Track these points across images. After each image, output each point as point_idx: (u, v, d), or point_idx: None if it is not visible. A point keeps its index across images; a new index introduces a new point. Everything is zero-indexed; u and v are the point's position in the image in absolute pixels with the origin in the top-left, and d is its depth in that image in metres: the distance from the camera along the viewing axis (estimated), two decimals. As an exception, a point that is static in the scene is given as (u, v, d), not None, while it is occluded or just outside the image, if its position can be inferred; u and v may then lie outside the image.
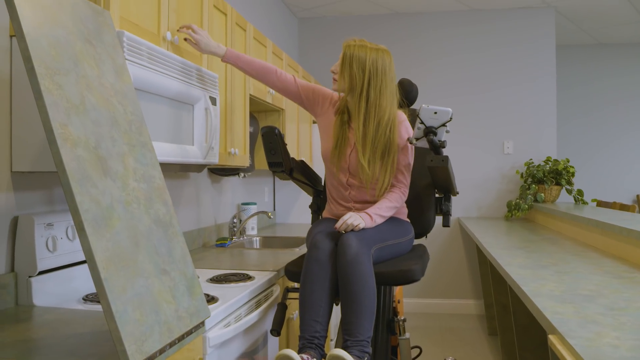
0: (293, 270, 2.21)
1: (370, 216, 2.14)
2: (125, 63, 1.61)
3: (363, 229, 2.10)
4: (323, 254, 2.03)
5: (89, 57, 1.44)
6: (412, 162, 2.31)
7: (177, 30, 2.17)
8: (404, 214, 2.39)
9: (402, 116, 2.28)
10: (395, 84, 2.28)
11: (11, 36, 1.73)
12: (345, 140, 2.28)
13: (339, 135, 2.28)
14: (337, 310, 2.13)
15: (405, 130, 2.27)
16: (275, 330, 2.12)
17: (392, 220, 2.28)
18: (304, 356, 1.84)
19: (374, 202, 2.27)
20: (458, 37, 5.40)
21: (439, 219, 2.62)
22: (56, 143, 1.19)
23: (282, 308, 2.18)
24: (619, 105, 6.57)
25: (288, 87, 2.43)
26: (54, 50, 1.30)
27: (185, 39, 2.22)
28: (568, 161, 5.00)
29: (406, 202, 2.40)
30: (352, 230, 2.08)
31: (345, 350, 1.89)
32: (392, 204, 2.23)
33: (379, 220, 2.17)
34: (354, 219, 2.09)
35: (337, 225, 2.09)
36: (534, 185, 4.96)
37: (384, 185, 2.25)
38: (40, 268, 1.73)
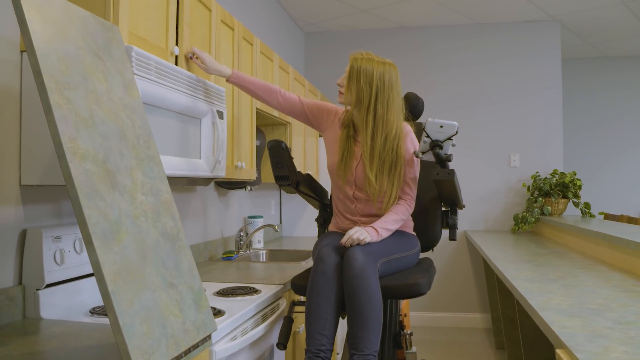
0: (299, 284, 2.21)
1: (376, 230, 2.13)
2: (133, 78, 1.63)
3: (369, 243, 2.10)
4: (329, 267, 2.03)
5: (97, 72, 1.46)
6: (417, 175, 2.31)
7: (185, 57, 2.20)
8: (410, 227, 2.40)
9: (408, 128, 2.29)
10: (401, 97, 2.28)
11: (22, 51, 1.76)
12: (352, 154, 2.28)
13: (345, 148, 2.28)
14: (343, 324, 2.12)
15: (411, 142, 2.28)
16: (282, 344, 2.12)
17: (398, 233, 2.28)
18: (310, 370, 1.84)
19: (380, 216, 2.26)
20: (464, 50, 5.41)
21: (445, 233, 2.61)
22: (65, 157, 1.21)
23: (288, 321, 2.18)
24: (625, 118, 6.55)
25: (294, 107, 2.44)
26: (63, 64, 1.32)
27: (190, 57, 2.23)
28: (575, 174, 4.98)
29: (412, 215, 2.40)
30: (357, 244, 2.08)
31: None
32: (399, 217, 2.23)
33: (385, 234, 2.17)
34: (360, 234, 2.08)
35: (343, 240, 2.08)
36: (540, 198, 4.95)
37: (391, 199, 2.24)
38: (47, 281, 1.74)
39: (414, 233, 2.43)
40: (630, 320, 1.72)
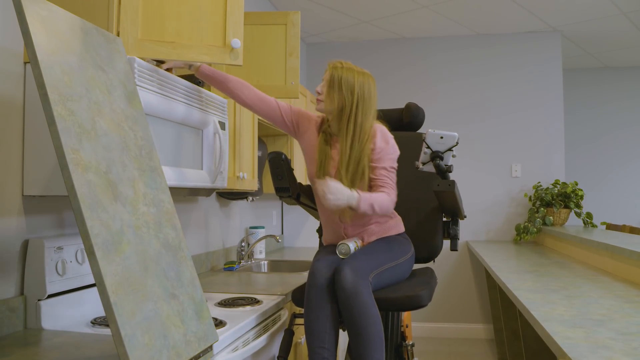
0: (299, 297, 2.21)
1: (360, 198, 2.08)
2: (136, 89, 1.64)
3: (356, 259, 2.07)
4: (320, 280, 2.02)
5: (100, 84, 1.47)
6: (394, 165, 2.24)
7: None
8: (397, 228, 2.33)
9: (377, 126, 2.24)
10: (376, 109, 2.27)
11: (25, 63, 1.77)
12: (329, 161, 2.24)
13: (323, 155, 2.24)
14: (343, 336, 2.12)
15: (381, 136, 2.22)
16: (282, 357, 2.11)
17: (385, 240, 2.25)
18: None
19: (364, 221, 2.24)
20: (465, 61, 5.43)
21: (446, 243, 2.61)
22: (68, 168, 1.21)
23: (289, 334, 2.17)
24: (626, 128, 6.55)
25: (269, 107, 2.31)
26: (66, 76, 1.33)
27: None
28: (577, 184, 4.98)
29: (413, 226, 2.39)
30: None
31: None
32: (379, 203, 2.14)
33: (364, 207, 2.10)
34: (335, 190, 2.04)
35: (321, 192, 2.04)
36: (542, 209, 4.94)
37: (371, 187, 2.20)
38: (49, 291, 1.74)
39: (405, 235, 2.36)
40: (633, 331, 1.72)
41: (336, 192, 2.05)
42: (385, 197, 2.15)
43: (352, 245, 2.15)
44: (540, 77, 5.30)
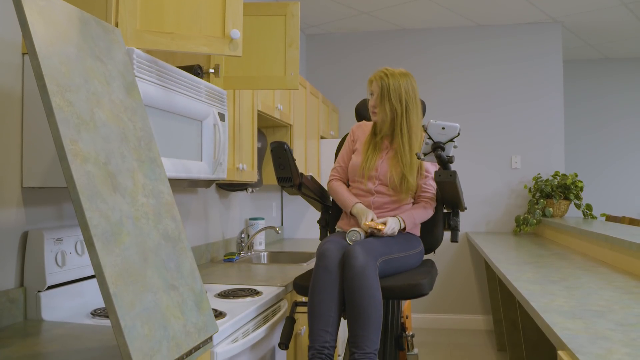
0: (301, 284, 2.21)
1: (404, 220, 2.33)
2: (135, 80, 1.63)
3: (368, 242, 2.15)
4: (331, 262, 2.04)
5: (99, 74, 1.46)
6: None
7: None
8: (416, 229, 2.44)
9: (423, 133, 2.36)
10: (420, 102, 2.47)
11: (24, 54, 1.76)
12: (377, 153, 2.42)
13: (370, 149, 2.43)
14: (344, 325, 2.12)
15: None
16: (284, 344, 2.12)
17: (399, 234, 2.29)
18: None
19: (392, 209, 2.38)
20: (465, 53, 5.41)
21: (447, 234, 2.61)
22: (67, 159, 1.21)
23: (290, 322, 2.18)
24: (627, 120, 6.54)
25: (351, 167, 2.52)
26: (65, 67, 1.32)
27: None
28: (576, 175, 4.98)
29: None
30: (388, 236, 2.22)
31: None
32: (423, 215, 2.40)
33: (409, 225, 2.34)
34: (395, 226, 2.28)
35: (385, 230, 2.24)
36: (542, 200, 4.94)
37: (416, 190, 2.42)
38: (49, 283, 1.74)
39: (418, 236, 2.45)
40: (632, 322, 1.72)
41: (395, 226, 2.28)
42: (423, 212, 2.40)
43: (362, 233, 2.22)
44: (541, 69, 5.28)
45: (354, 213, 2.36)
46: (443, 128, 2.10)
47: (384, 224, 2.25)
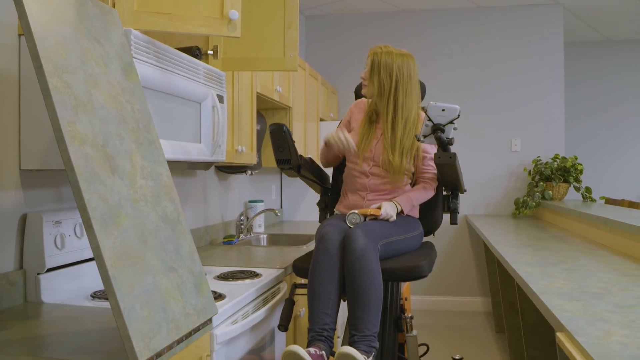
0: (301, 266, 2.22)
1: (401, 204, 2.30)
2: (132, 61, 1.62)
3: (368, 225, 2.14)
4: (332, 245, 2.04)
5: (96, 55, 1.45)
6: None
7: None
8: (415, 211, 2.43)
9: (423, 115, 2.32)
10: (419, 85, 2.43)
11: (20, 35, 1.74)
12: (372, 133, 2.40)
13: (366, 129, 2.41)
14: (344, 307, 2.13)
15: None
16: (283, 326, 2.13)
17: (398, 217, 2.29)
18: (312, 350, 1.85)
19: (389, 192, 2.36)
20: (465, 34, 5.37)
21: (446, 217, 2.61)
22: (64, 141, 1.20)
23: (289, 303, 2.19)
24: (628, 104, 6.51)
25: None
26: (61, 48, 1.31)
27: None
28: (576, 158, 4.97)
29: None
30: (387, 220, 2.21)
31: (352, 345, 1.89)
32: (422, 196, 2.38)
33: (406, 208, 2.32)
34: (391, 209, 2.24)
35: (382, 214, 2.21)
36: (541, 183, 4.94)
37: (407, 176, 2.39)
38: (48, 265, 1.74)
39: (417, 218, 2.44)
40: (631, 304, 1.73)
41: (391, 210, 2.25)
42: (422, 193, 2.38)
43: (362, 216, 2.22)
44: (541, 52, 5.25)
45: (326, 141, 2.39)
46: (443, 110, 2.09)
47: (379, 208, 2.25)
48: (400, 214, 2.30)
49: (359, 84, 2.75)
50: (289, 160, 2.34)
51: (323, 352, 1.87)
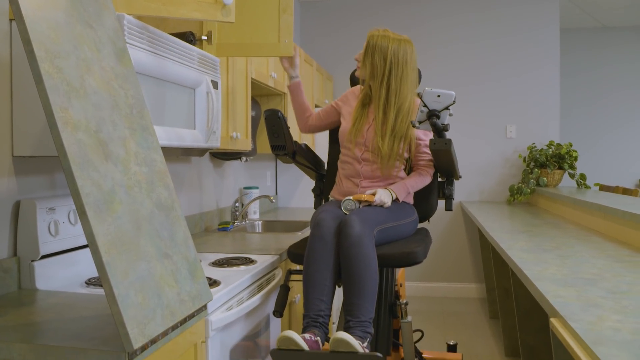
0: (296, 252, 2.22)
1: (396, 192, 2.29)
2: (126, 46, 1.60)
3: (364, 211, 2.13)
4: (327, 232, 2.04)
5: (89, 40, 1.43)
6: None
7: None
8: (409, 197, 2.43)
9: (418, 101, 2.30)
10: (416, 73, 2.37)
11: (11, 20, 1.72)
12: (365, 118, 2.38)
13: (359, 114, 2.39)
14: (339, 293, 2.14)
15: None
16: (278, 312, 2.13)
17: (393, 203, 2.29)
18: (307, 335, 1.85)
19: (382, 179, 2.35)
20: (461, 21, 5.34)
21: (441, 203, 2.61)
22: (57, 127, 1.19)
23: (284, 290, 2.19)
24: (623, 91, 6.52)
25: (328, 113, 2.57)
26: (53, 33, 1.29)
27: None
28: (571, 145, 4.98)
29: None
30: (381, 206, 2.20)
31: (347, 331, 1.90)
32: (417, 183, 2.37)
33: (402, 195, 2.31)
34: (385, 197, 2.23)
35: (376, 199, 2.21)
36: (536, 170, 4.95)
37: (398, 163, 2.35)
38: (42, 252, 1.73)
39: (412, 204, 2.44)
40: (624, 290, 1.74)
41: (385, 197, 2.24)
42: (418, 179, 2.37)
43: (357, 203, 2.21)
44: (537, 39, 5.23)
45: (290, 86, 2.48)
46: (438, 96, 2.08)
47: (373, 194, 2.24)
48: (395, 201, 2.30)
49: (354, 70, 2.73)
50: (283, 147, 2.33)
51: (318, 338, 1.88)
